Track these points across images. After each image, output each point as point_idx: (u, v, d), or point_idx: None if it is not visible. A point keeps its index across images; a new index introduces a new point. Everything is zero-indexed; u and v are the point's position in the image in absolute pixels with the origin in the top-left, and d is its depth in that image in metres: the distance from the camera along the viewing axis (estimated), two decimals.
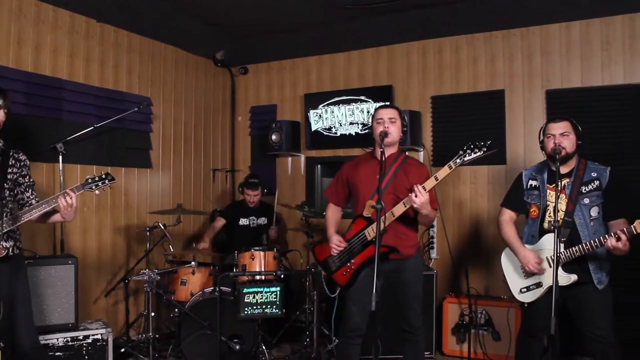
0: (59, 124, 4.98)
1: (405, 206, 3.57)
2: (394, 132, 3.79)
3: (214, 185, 6.98)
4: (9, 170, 3.37)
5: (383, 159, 3.56)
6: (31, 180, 3.52)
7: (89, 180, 3.47)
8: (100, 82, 5.40)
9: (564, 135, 3.58)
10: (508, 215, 3.90)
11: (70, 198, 3.33)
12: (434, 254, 5.75)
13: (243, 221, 6.03)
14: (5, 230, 3.22)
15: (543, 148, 3.73)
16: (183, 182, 6.48)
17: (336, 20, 5.57)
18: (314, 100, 6.58)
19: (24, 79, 4.62)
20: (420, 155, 5.91)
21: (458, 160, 3.43)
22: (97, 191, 3.48)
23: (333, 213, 4.15)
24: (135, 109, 5.46)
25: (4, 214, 3.30)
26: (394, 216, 3.62)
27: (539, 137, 3.77)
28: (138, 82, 5.85)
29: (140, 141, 5.88)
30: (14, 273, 3.32)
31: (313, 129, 6.55)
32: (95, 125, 5.10)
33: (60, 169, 4.81)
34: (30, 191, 3.48)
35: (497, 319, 5.03)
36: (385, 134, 3.68)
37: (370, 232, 3.72)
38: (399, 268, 3.76)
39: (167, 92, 6.26)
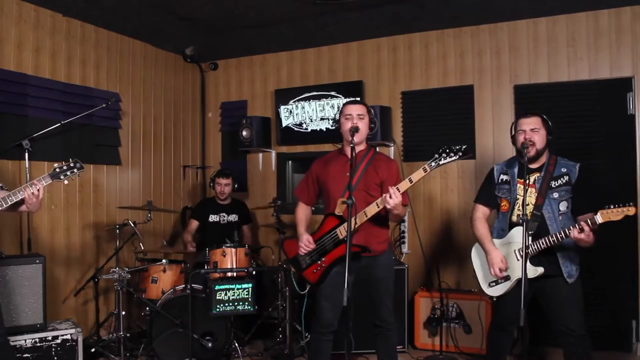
0: (25, 121, 4.89)
1: (379, 207, 3.56)
2: (363, 128, 3.78)
3: (184, 182, 6.93)
4: None
5: (354, 154, 3.56)
6: None
7: (57, 170, 3.38)
8: (68, 78, 5.32)
9: (534, 131, 3.62)
10: (481, 212, 3.93)
11: (37, 189, 3.26)
12: (405, 248, 5.80)
13: (213, 217, 5.99)
14: None
15: (514, 143, 3.78)
16: (153, 179, 6.42)
17: (306, 16, 5.56)
18: (284, 96, 6.57)
19: None
20: (391, 151, 5.94)
21: (433, 164, 3.46)
22: (66, 181, 3.39)
23: (303, 212, 4.09)
24: (104, 105, 5.39)
25: None
26: (366, 216, 3.62)
27: (511, 132, 3.82)
28: (106, 77, 5.77)
29: (109, 138, 5.81)
30: None
31: (284, 124, 6.54)
32: (63, 122, 5.00)
33: (27, 166, 4.71)
34: None
35: (468, 312, 5.08)
36: (356, 129, 3.66)
37: (342, 231, 3.69)
38: (371, 264, 3.76)
39: (136, 88, 6.19)
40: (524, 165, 3.58)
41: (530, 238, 3.48)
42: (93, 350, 4.83)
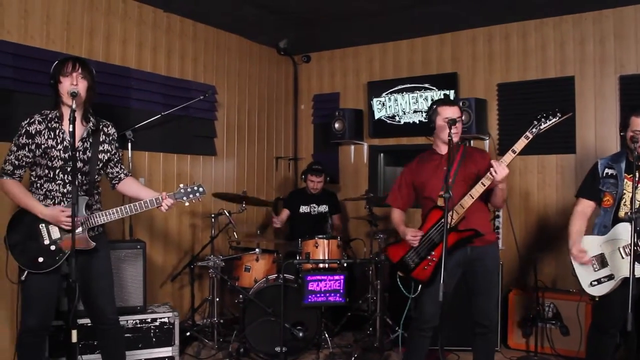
0: (128, 112, 5.12)
1: (484, 185, 3.46)
2: (460, 130, 3.76)
3: (277, 173, 7.04)
4: (100, 148, 3.45)
5: (452, 144, 3.55)
6: (120, 154, 3.62)
7: (182, 191, 3.45)
8: (167, 71, 5.52)
9: None
10: (583, 205, 3.76)
11: (169, 205, 3.39)
12: (499, 244, 5.63)
13: (303, 208, 6.05)
14: (97, 224, 3.36)
15: (624, 138, 3.59)
16: (247, 170, 6.56)
17: (399, 7, 5.48)
18: (377, 88, 6.54)
19: (96, 69, 4.63)
20: (486, 144, 5.78)
21: (534, 130, 3.34)
22: (187, 203, 3.47)
23: (399, 215, 4.01)
24: (201, 97, 5.55)
25: (94, 196, 3.43)
26: (472, 198, 3.52)
27: (620, 128, 3.62)
28: (203, 70, 5.94)
29: (205, 129, 5.97)
30: (96, 251, 3.41)
31: (376, 117, 6.51)
32: (163, 113, 5.21)
33: (129, 155, 4.95)
34: (119, 166, 3.59)
35: (565, 313, 4.88)
36: (454, 122, 3.64)
37: (449, 220, 3.57)
38: (481, 256, 3.68)
39: (232, 81, 6.33)
40: (634, 162, 3.40)
41: (635, 235, 3.30)
42: (188, 334, 5.01)
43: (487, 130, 5.75)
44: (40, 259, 3.22)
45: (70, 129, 3.01)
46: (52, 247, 3.25)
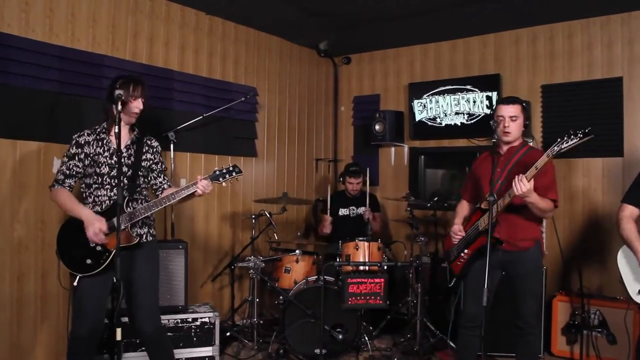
0: (170, 114, 5.17)
1: (510, 197, 3.47)
2: (514, 131, 3.70)
3: (317, 174, 7.04)
4: (143, 157, 3.53)
5: (495, 157, 3.53)
6: (163, 166, 3.66)
7: (217, 172, 3.47)
8: (209, 73, 5.57)
9: None
10: (629, 211, 3.64)
11: (208, 185, 3.40)
12: (543, 249, 5.51)
13: (343, 211, 6.02)
14: (141, 217, 3.39)
15: None
16: (287, 171, 6.58)
17: (440, 8, 5.43)
18: (418, 89, 6.48)
19: (140, 71, 4.80)
20: None
21: (556, 148, 3.27)
22: (224, 183, 3.49)
23: (462, 207, 4.12)
24: (242, 99, 5.57)
25: (139, 201, 3.48)
26: (500, 207, 3.54)
27: None
28: (244, 72, 5.98)
29: (246, 130, 6.01)
30: (144, 259, 3.49)
31: (417, 119, 6.46)
32: (204, 115, 5.25)
33: (172, 156, 5.00)
34: (162, 176, 3.63)
35: (612, 320, 4.74)
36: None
37: (482, 223, 3.66)
38: (515, 259, 3.67)
39: (272, 83, 6.36)
40: None
41: None
42: (228, 334, 5.04)
43: (530, 133, 5.64)
44: (88, 261, 3.30)
45: (116, 130, 3.10)
46: (98, 248, 3.31)
